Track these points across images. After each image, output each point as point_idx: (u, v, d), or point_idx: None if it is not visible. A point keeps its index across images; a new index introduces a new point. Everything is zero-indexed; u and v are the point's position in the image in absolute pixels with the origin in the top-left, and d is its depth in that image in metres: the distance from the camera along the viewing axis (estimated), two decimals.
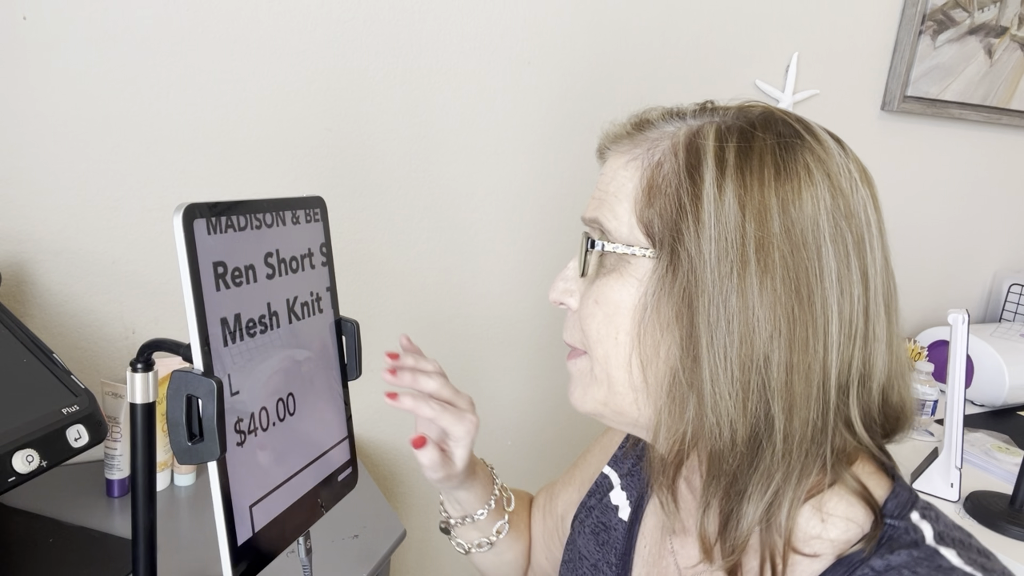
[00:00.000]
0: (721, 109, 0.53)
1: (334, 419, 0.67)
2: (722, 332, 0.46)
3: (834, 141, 0.50)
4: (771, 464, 0.47)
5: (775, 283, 0.46)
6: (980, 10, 1.82)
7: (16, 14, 0.96)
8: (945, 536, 0.48)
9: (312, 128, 1.19)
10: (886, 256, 0.51)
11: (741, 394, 0.46)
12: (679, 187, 0.48)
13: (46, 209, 1.03)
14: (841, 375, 0.47)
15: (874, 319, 0.49)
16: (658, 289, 0.50)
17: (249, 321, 0.54)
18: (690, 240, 0.47)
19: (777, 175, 0.47)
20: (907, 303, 2.05)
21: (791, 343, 0.46)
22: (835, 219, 0.47)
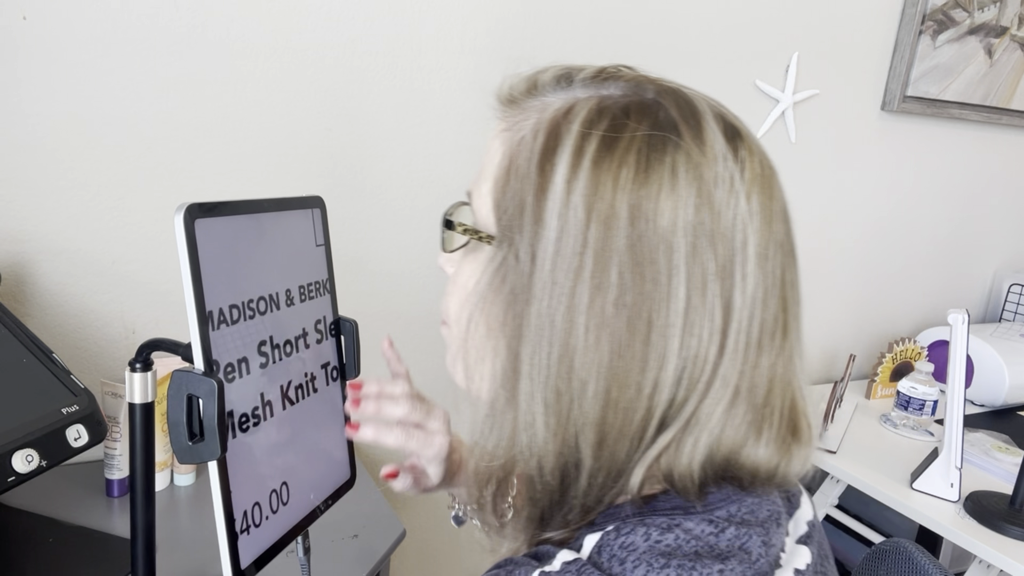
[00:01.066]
0: (616, 81, 0.45)
1: (332, 418, 0.67)
2: (544, 349, 0.40)
3: (727, 140, 0.41)
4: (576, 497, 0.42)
5: (606, 304, 0.39)
6: (980, 10, 1.82)
7: (16, 14, 0.96)
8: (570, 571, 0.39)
9: (312, 128, 1.19)
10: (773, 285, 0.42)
11: (554, 421, 0.41)
12: (527, 176, 0.42)
13: (46, 209, 1.03)
14: (666, 417, 0.40)
15: (727, 363, 0.40)
16: (490, 285, 0.44)
17: (248, 303, 0.54)
18: (528, 239, 0.41)
19: (635, 176, 0.39)
20: (907, 303, 2.06)
21: (613, 374, 0.39)
22: (695, 238, 0.39)
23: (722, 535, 0.40)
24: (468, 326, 0.46)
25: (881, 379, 1.78)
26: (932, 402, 1.55)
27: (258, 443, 0.56)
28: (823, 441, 1.47)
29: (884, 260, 1.97)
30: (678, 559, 0.38)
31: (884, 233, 1.94)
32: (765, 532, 0.41)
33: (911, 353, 1.81)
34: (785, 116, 1.66)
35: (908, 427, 1.57)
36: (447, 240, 0.49)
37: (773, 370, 0.42)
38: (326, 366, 0.66)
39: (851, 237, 1.88)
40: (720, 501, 0.42)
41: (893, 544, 0.98)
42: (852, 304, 1.96)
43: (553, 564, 0.39)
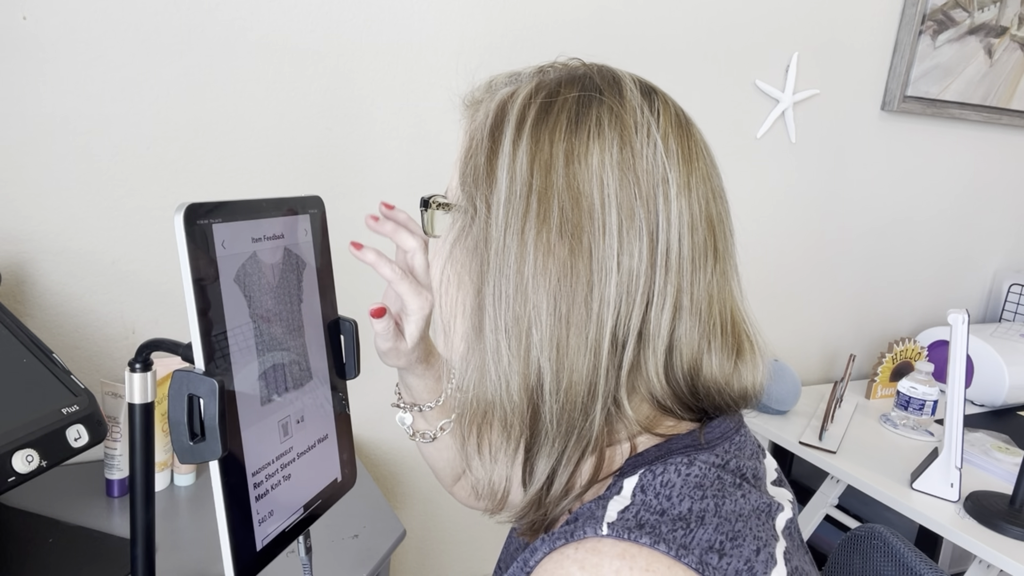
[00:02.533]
0: (553, 68, 0.53)
1: (331, 417, 0.67)
2: (502, 282, 0.47)
3: (643, 95, 0.49)
4: (549, 421, 0.47)
5: (551, 234, 0.46)
6: (980, 10, 1.82)
7: (16, 14, 0.96)
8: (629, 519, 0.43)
9: (312, 128, 1.19)
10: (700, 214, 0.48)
11: (516, 344, 0.47)
12: (480, 145, 0.50)
13: (46, 209, 1.03)
14: (617, 332, 0.46)
15: (661, 278, 0.46)
16: (456, 241, 0.51)
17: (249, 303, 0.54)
18: (484, 195, 0.49)
19: (568, 128, 0.47)
20: (907, 303, 2.06)
21: (562, 294, 0.45)
22: (622, 173, 0.46)
23: (727, 466, 0.47)
24: (440, 283, 0.53)
25: (881, 379, 1.78)
26: (932, 402, 1.55)
27: (259, 440, 0.56)
28: (823, 441, 1.48)
29: (884, 260, 1.97)
30: (711, 490, 0.45)
31: (884, 233, 1.94)
32: (754, 467, 0.50)
33: (911, 353, 1.81)
34: (785, 116, 1.66)
35: (908, 427, 1.57)
36: (427, 223, 0.56)
37: (710, 287, 0.48)
38: (325, 366, 0.66)
39: (851, 237, 1.88)
40: (716, 440, 0.49)
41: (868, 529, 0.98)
42: (852, 304, 1.96)
43: (608, 513, 0.44)
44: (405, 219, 0.70)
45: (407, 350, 0.69)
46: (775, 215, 1.73)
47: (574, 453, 0.48)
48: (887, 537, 0.95)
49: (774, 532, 0.45)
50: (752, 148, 1.65)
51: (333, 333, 0.67)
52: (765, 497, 0.47)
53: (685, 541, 0.41)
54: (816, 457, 1.45)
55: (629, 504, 0.44)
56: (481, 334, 0.48)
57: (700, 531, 0.42)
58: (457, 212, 0.52)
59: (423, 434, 0.78)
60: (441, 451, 0.80)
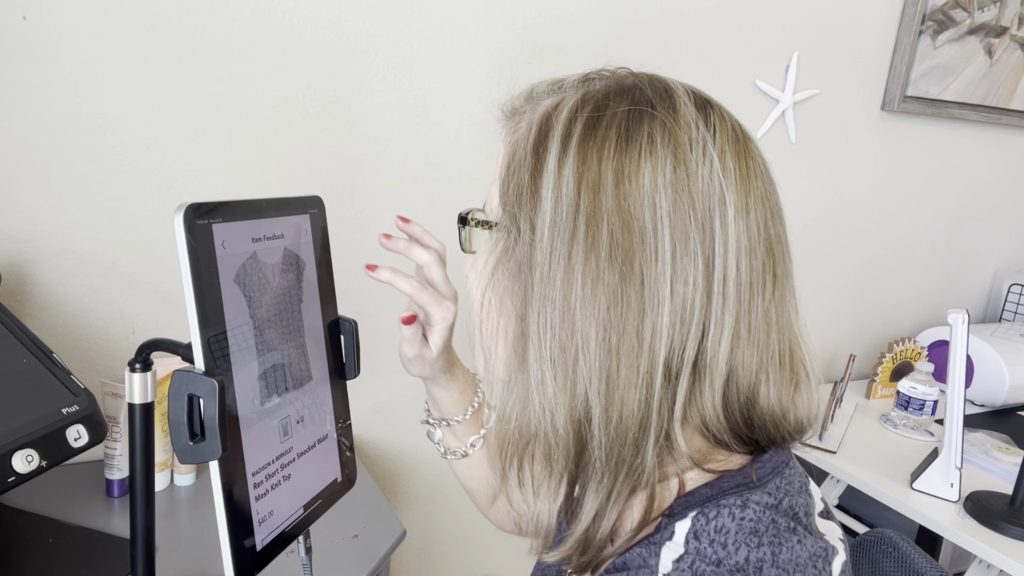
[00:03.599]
0: (599, 78, 0.50)
1: (331, 417, 0.67)
2: (547, 309, 0.44)
3: (698, 109, 0.46)
4: (598, 455, 0.45)
5: (600, 260, 0.43)
6: (980, 10, 1.82)
7: (16, 14, 0.96)
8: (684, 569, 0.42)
9: (312, 128, 1.19)
10: (759, 237, 0.45)
11: (562, 375, 0.44)
12: (524, 162, 0.47)
13: (46, 209, 1.03)
14: (671, 364, 0.44)
15: (718, 306, 0.44)
16: (498, 263, 0.49)
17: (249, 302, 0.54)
18: (528, 214, 0.46)
19: (617, 146, 0.44)
20: (907, 303, 2.06)
21: (612, 323, 0.43)
22: (676, 194, 0.43)
23: (781, 505, 0.45)
24: (482, 306, 0.50)
25: (881, 379, 1.78)
26: (932, 402, 1.55)
27: (260, 440, 0.56)
28: (823, 441, 1.48)
29: (884, 260, 1.97)
30: (767, 536, 0.43)
31: (884, 233, 1.94)
32: (805, 503, 0.47)
33: (911, 353, 1.81)
34: (785, 116, 1.66)
35: (908, 427, 1.57)
36: (464, 239, 0.54)
37: (768, 314, 0.46)
38: (325, 366, 0.66)
39: (851, 237, 1.88)
40: (768, 475, 0.47)
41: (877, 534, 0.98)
42: (852, 304, 1.96)
43: (663, 562, 0.43)
44: (420, 232, 0.69)
45: (432, 359, 0.69)
46: None
47: (624, 489, 0.46)
48: (897, 542, 0.95)
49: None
50: None
51: (333, 333, 0.67)
52: (820, 542, 0.45)
53: None
54: (816, 457, 1.45)
55: (683, 553, 0.43)
56: (525, 363, 0.46)
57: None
58: (499, 232, 0.49)
59: (453, 451, 0.77)
60: (473, 470, 0.79)
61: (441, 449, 0.78)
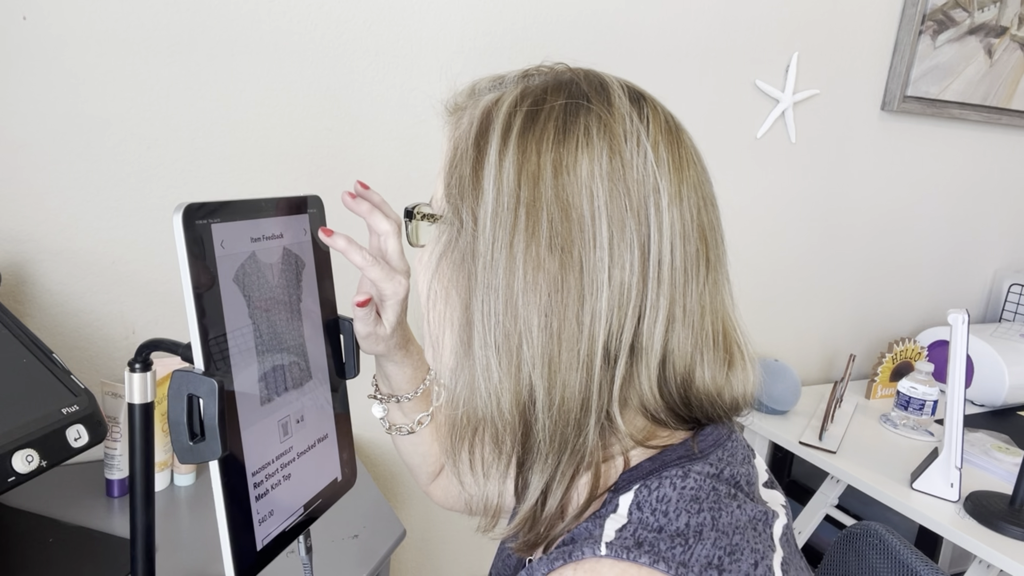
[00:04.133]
0: (538, 73, 0.52)
1: (331, 417, 0.67)
2: (491, 297, 0.46)
3: (631, 102, 0.48)
4: (543, 436, 0.46)
5: (540, 248, 0.45)
6: (980, 10, 1.82)
7: (16, 14, 0.96)
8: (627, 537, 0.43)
9: (312, 128, 1.19)
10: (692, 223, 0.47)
11: (506, 361, 0.46)
12: (465, 155, 0.49)
13: (46, 209, 1.03)
14: (610, 347, 0.45)
15: (653, 290, 0.45)
16: (443, 255, 0.50)
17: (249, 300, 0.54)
18: (470, 206, 0.47)
19: (555, 138, 0.46)
20: (907, 303, 2.06)
21: (553, 309, 0.45)
22: (611, 184, 0.45)
23: (722, 475, 0.47)
24: (428, 296, 0.52)
25: (881, 379, 1.78)
26: (932, 402, 1.55)
27: (260, 441, 0.56)
28: (823, 441, 1.48)
29: (884, 260, 1.97)
30: (707, 503, 0.44)
31: (884, 233, 1.94)
32: (747, 473, 0.49)
33: (911, 353, 1.81)
34: (785, 116, 1.66)
35: (908, 427, 1.57)
36: (411, 233, 0.55)
37: (703, 298, 0.47)
38: (325, 365, 0.66)
39: (851, 237, 1.88)
40: (709, 448, 0.49)
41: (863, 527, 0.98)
42: (852, 304, 1.96)
43: (606, 532, 0.44)
44: (380, 201, 0.69)
45: (386, 335, 0.69)
46: (775, 215, 1.73)
47: (568, 468, 0.47)
48: (883, 535, 0.95)
49: (771, 542, 0.45)
50: (752, 148, 1.65)
51: (332, 333, 0.67)
52: (760, 506, 0.46)
53: (684, 558, 0.41)
54: (816, 457, 1.45)
55: (626, 523, 0.44)
56: (470, 350, 0.47)
57: (699, 547, 0.41)
58: (443, 224, 0.51)
59: (399, 427, 0.77)
60: (417, 446, 0.79)
61: (386, 424, 0.78)
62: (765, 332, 1.81)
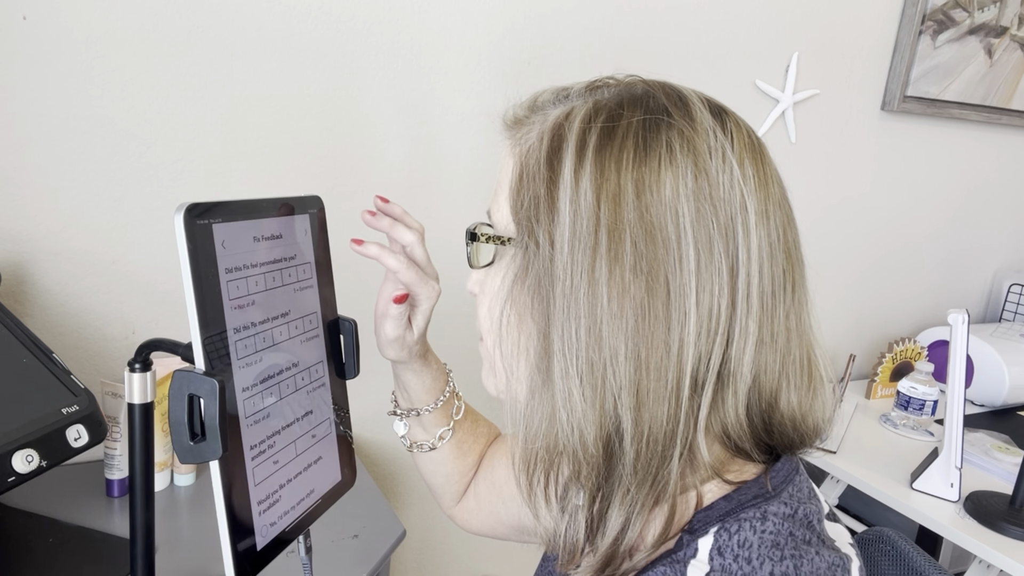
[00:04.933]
0: (606, 86, 0.49)
1: (331, 418, 0.67)
2: (572, 325, 0.43)
3: (713, 116, 0.46)
4: (628, 469, 0.44)
5: (624, 272, 0.42)
6: (980, 10, 1.82)
7: (16, 14, 0.96)
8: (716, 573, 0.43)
9: (312, 128, 1.19)
10: (778, 242, 0.45)
11: (590, 391, 0.43)
12: (537, 174, 0.46)
13: (46, 209, 1.03)
14: (698, 374, 0.43)
15: (742, 313, 0.43)
16: (516, 279, 0.48)
17: (250, 320, 0.54)
18: (546, 228, 0.45)
19: (635, 156, 0.43)
20: (907, 303, 2.06)
21: (640, 337, 0.42)
22: (698, 203, 0.43)
23: (796, 514, 0.46)
24: (500, 325, 0.49)
25: (881, 379, 1.78)
26: (932, 402, 1.55)
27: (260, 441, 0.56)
28: (823, 441, 1.48)
29: (884, 260, 1.97)
30: (788, 549, 0.43)
31: (884, 233, 1.94)
32: (817, 510, 0.48)
33: (911, 353, 1.81)
34: (785, 116, 1.66)
35: (908, 427, 1.57)
36: (472, 255, 0.53)
37: (789, 320, 0.46)
38: (325, 365, 0.66)
39: (851, 237, 1.88)
40: (781, 484, 0.47)
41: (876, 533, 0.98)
42: (852, 304, 1.96)
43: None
44: (400, 212, 0.68)
45: (412, 342, 0.69)
46: None
47: (648, 501, 0.45)
48: (896, 541, 0.94)
49: None
50: None
51: (333, 333, 0.67)
52: (837, 554, 0.45)
53: None
54: (816, 457, 1.45)
55: (709, 570, 0.43)
56: (550, 380, 0.45)
57: None
58: (515, 247, 0.48)
59: (420, 444, 0.76)
60: (439, 465, 0.78)
61: (407, 442, 0.77)
62: None
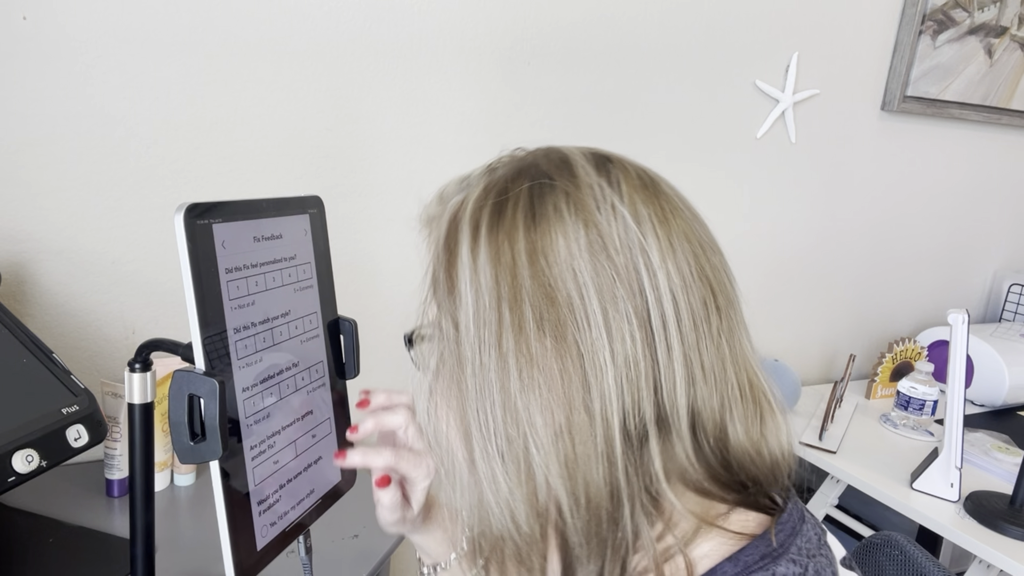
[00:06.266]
0: (501, 165, 0.49)
1: (331, 417, 0.67)
2: (486, 403, 0.42)
3: (597, 170, 0.45)
4: (577, 540, 0.42)
5: (530, 340, 0.41)
6: (980, 10, 1.82)
7: (16, 14, 0.96)
8: None
9: (312, 128, 1.19)
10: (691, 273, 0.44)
11: (514, 468, 0.42)
12: (438, 261, 0.47)
13: (46, 209, 1.03)
14: (629, 427, 0.41)
15: (663, 355, 0.42)
16: (433, 371, 0.47)
17: (252, 320, 0.54)
18: (449, 312, 0.45)
19: (525, 225, 0.43)
20: (907, 303, 2.06)
21: (556, 403, 0.41)
22: (593, 257, 0.42)
23: (807, 572, 0.44)
24: (428, 422, 0.48)
25: (881, 379, 1.78)
26: (932, 402, 1.55)
27: (261, 442, 0.56)
28: (823, 441, 1.48)
29: (884, 260, 1.97)
30: None
31: (884, 233, 1.94)
32: (828, 562, 0.46)
33: (911, 353, 1.81)
34: (785, 116, 1.66)
35: (908, 427, 1.57)
36: (416, 360, 0.52)
37: (720, 349, 0.44)
38: (325, 365, 0.66)
39: (851, 237, 1.88)
40: (788, 538, 0.46)
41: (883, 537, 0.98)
42: (852, 304, 1.96)
43: None
44: (384, 400, 0.67)
45: (413, 517, 0.67)
46: (775, 215, 1.73)
47: (614, 567, 0.43)
48: (903, 545, 0.94)
49: None
50: (752, 148, 1.65)
51: (333, 333, 0.67)
52: None
53: None
54: (816, 457, 1.45)
55: None
56: (473, 465, 0.44)
57: None
58: (431, 340, 0.48)
59: None
60: None
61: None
62: (765, 332, 1.80)
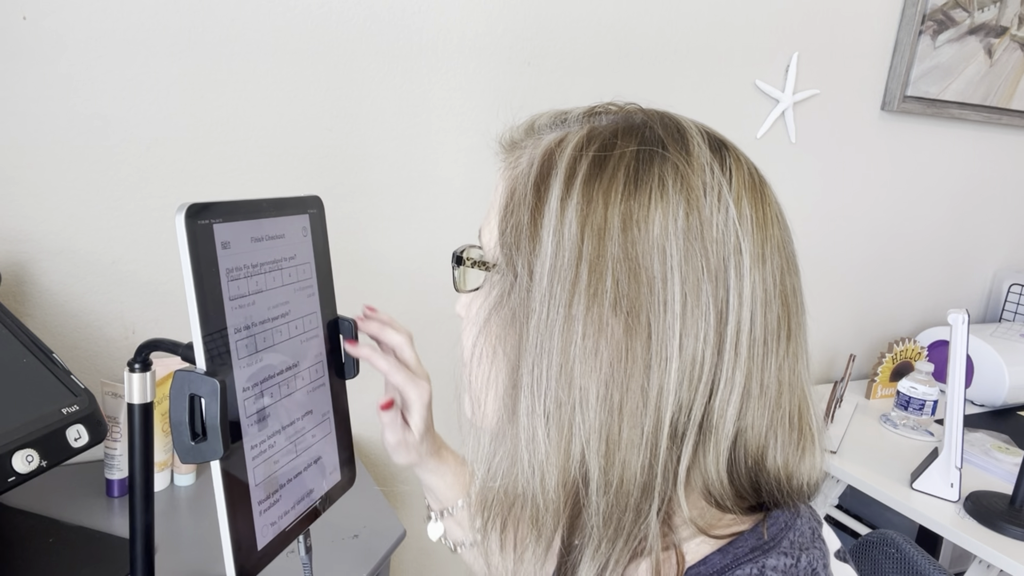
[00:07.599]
0: (606, 113, 0.47)
1: (331, 417, 0.67)
2: (543, 361, 0.41)
3: (712, 151, 0.43)
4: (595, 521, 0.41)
5: (603, 310, 0.40)
6: (980, 10, 1.82)
7: (16, 14, 0.96)
8: None
9: (312, 128, 1.19)
10: (774, 289, 0.42)
11: (556, 433, 0.41)
12: (523, 200, 0.44)
13: (46, 209, 1.03)
14: (677, 425, 0.40)
15: (729, 362, 0.40)
16: (494, 308, 0.45)
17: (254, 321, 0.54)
18: (526, 258, 0.43)
19: (625, 189, 0.41)
20: (907, 303, 2.06)
21: (615, 380, 0.40)
22: (688, 242, 0.40)
23: (799, 564, 0.42)
24: (473, 355, 0.47)
25: (881, 379, 1.78)
26: (932, 402, 1.55)
27: (260, 441, 0.56)
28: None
29: (884, 260, 1.97)
30: None
31: (884, 233, 1.94)
32: (822, 554, 0.44)
33: (911, 353, 1.81)
34: (785, 116, 1.66)
35: (908, 427, 1.57)
36: (459, 279, 0.51)
37: (781, 372, 0.43)
38: (325, 365, 0.66)
39: (851, 237, 1.88)
40: (780, 531, 0.44)
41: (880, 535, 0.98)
42: (852, 304, 1.96)
43: None
44: (388, 319, 0.69)
45: (415, 442, 0.68)
46: None
47: (622, 556, 0.42)
48: (900, 543, 0.94)
49: None
50: (752, 148, 1.64)
51: (333, 333, 0.67)
52: None
53: None
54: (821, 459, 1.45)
55: None
56: (515, 417, 0.42)
57: None
58: (495, 274, 0.46)
59: (461, 543, 0.74)
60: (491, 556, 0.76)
61: (449, 544, 0.74)
62: None
